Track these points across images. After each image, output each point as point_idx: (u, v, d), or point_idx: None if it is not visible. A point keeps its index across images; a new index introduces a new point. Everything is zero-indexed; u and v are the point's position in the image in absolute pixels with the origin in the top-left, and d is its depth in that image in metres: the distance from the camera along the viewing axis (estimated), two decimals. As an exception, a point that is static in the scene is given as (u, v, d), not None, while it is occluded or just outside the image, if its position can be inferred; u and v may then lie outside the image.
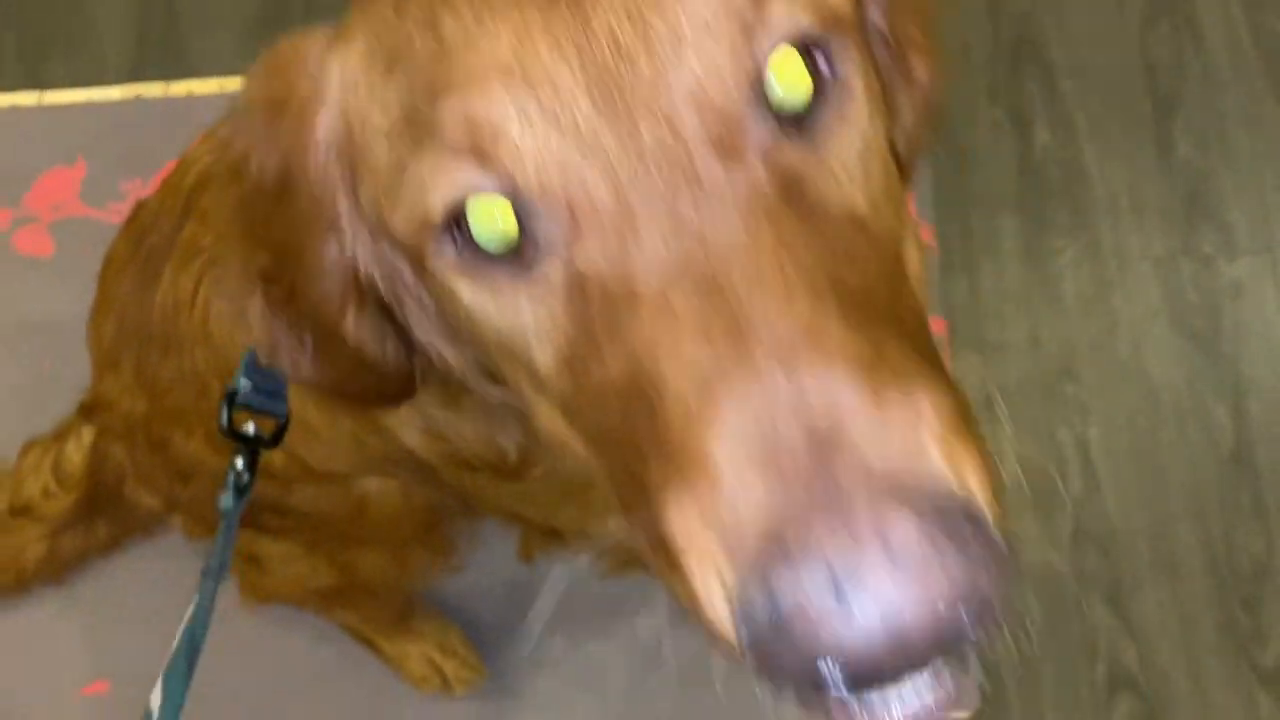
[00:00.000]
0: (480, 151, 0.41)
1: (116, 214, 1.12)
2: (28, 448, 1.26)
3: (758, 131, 0.42)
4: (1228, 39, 1.60)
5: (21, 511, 1.23)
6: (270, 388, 0.67)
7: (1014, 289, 1.50)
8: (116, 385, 0.96)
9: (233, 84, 1.20)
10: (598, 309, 0.41)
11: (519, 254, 0.43)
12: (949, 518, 0.35)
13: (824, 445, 0.36)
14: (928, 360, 0.42)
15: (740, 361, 0.38)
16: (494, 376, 0.54)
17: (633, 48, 0.40)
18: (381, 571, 1.03)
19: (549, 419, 0.48)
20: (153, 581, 1.27)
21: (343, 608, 1.21)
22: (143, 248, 0.88)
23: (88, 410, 1.11)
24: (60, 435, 1.26)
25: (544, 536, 1.01)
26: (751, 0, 0.41)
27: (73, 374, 1.18)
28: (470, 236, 0.43)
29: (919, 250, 0.47)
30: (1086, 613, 1.37)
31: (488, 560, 1.26)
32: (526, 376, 0.47)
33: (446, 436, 0.68)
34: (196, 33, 1.57)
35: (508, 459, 0.68)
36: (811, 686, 0.35)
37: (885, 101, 0.49)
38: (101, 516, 1.23)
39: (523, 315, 0.44)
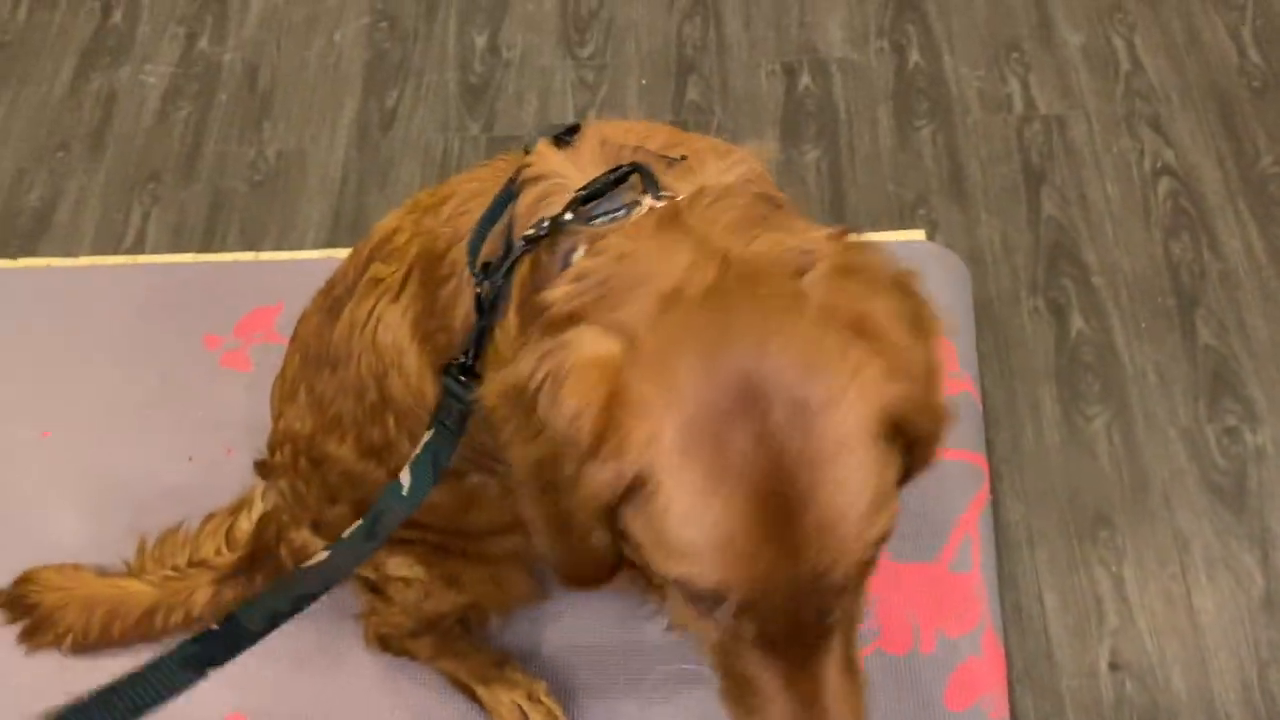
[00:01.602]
0: (723, 601, 0.79)
1: (301, 339, 1.43)
2: (208, 518, 1.55)
3: (838, 607, 0.80)
4: (1243, 245, 1.84)
5: (196, 564, 1.50)
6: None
7: (1053, 447, 1.69)
8: (292, 412, 1.23)
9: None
10: (744, 655, 0.82)
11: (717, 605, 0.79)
12: None
13: None
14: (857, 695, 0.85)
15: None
16: None
17: (806, 593, 0.78)
18: (483, 587, 1.23)
19: (694, 633, 0.85)
20: (292, 630, 1.50)
21: (449, 656, 1.41)
22: (329, 298, 1.18)
23: (262, 464, 1.39)
24: (235, 509, 1.54)
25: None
26: (860, 572, 0.79)
27: (250, 460, 1.48)
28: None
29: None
30: (1124, 737, 1.46)
31: (577, 629, 1.45)
32: (691, 622, 0.84)
33: None
34: (378, 221, 1.96)
35: None
36: None
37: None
38: (259, 572, 1.47)
39: (707, 628, 0.83)
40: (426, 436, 0.96)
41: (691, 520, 0.77)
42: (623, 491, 0.78)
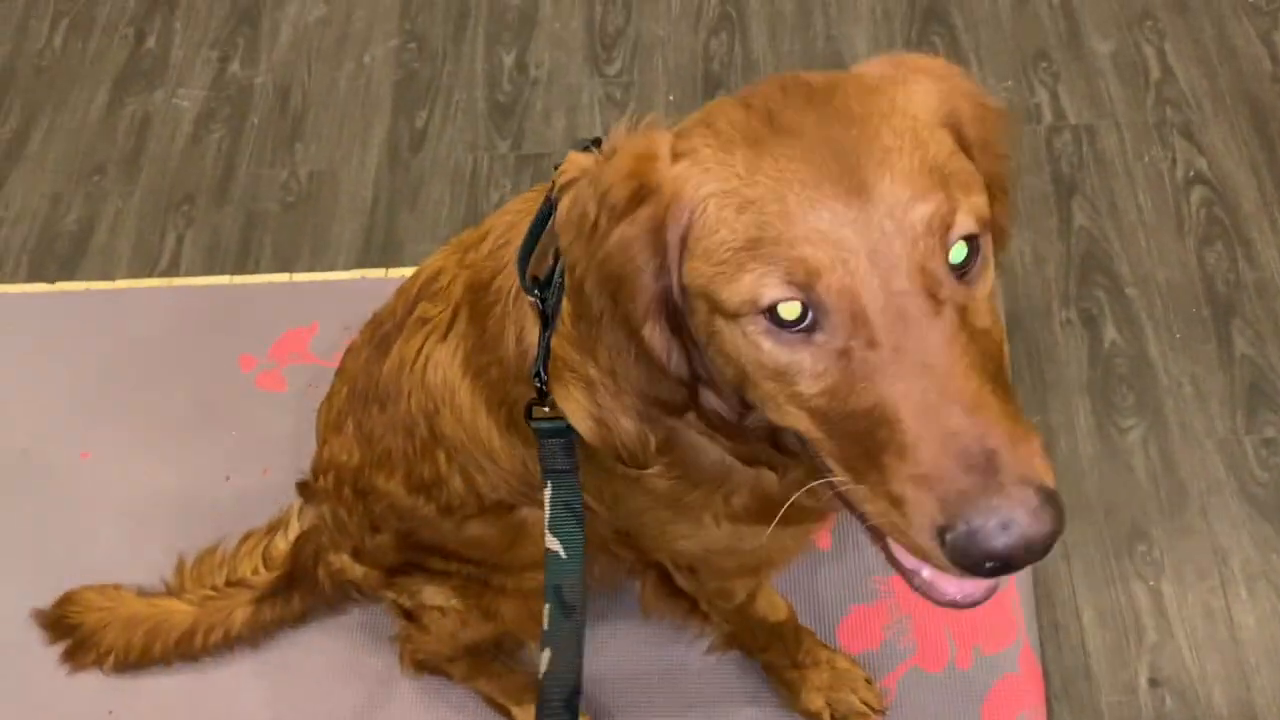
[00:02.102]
0: (800, 280, 0.72)
1: (338, 361, 1.42)
2: (245, 537, 1.56)
3: (947, 282, 0.73)
4: (1279, 254, 1.82)
5: (235, 584, 1.51)
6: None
7: (1088, 461, 1.68)
8: (338, 443, 1.24)
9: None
10: (854, 368, 0.72)
11: (806, 329, 0.73)
12: (1046, 496, 0.69)
13: (989, 459, 0.69)
14: (1016, 404, 0.75)
15: (946, 410, 0.70)
16: (739, 391, 0.81)
17: (889, 237, 0.72)
18: (518, 618, 1.24)
19: (795, 418, 0.77)
20: (329, 652, 1.51)
21: (484, 676, 1.41)
22: (377, 335, 1.18)
23: (304, 486, 1.40)
24: (272, 528, 1.55)
25: (658, 590, 1.21)
26: (947, 218, 0.73)
27: (287, 480, 1.50)
28: (777, 315, 0.74)
29: (1000, 321, 0.79)
30: (1165, 754, 1.44)
31: (614, 650, 1.46)
32: (788, 395, 0.76)
33: (609, 425, 0.93)
34: (409, 240, 1.99)
35: (649, 446, 0.93)
36: (973, 569, 0.70)
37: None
38: (297, 591, 1.49)
39: (803, 362, 0.74)
40: (547, 494, 0.94)
41: (749, 199, 0.73)
42: (678, 245, 0.75)
